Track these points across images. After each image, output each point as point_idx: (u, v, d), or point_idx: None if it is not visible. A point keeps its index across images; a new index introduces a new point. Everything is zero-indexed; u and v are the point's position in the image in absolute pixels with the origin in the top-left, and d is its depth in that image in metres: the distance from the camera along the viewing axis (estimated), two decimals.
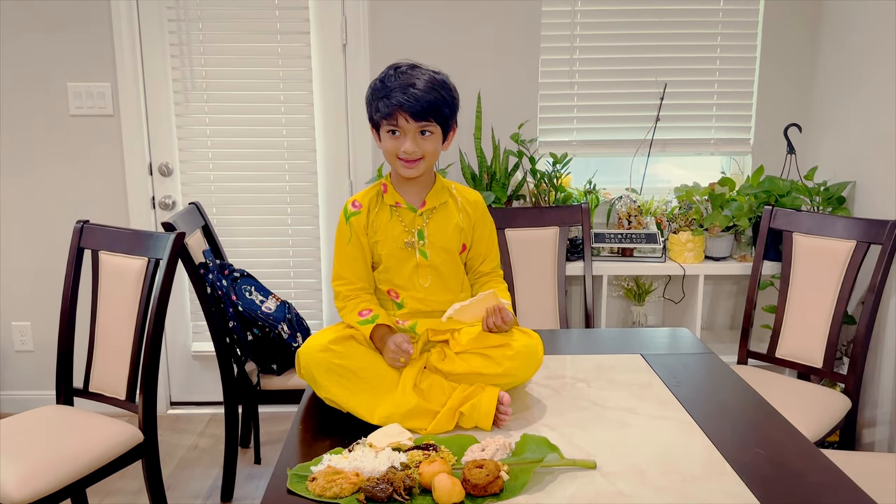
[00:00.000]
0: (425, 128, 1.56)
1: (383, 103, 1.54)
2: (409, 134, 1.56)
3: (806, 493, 1.25)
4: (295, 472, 1.30)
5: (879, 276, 2.25)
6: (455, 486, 1.20)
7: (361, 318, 1.60)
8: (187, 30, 2.94)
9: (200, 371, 3.22)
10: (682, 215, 2.86)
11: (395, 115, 1.54)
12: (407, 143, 1.56)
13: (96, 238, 2.18)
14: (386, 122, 1.56)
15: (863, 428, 2.61)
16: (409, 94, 1.52)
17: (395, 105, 1.53)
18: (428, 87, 1.53)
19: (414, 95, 1.52)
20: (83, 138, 3.00)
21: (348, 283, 1.66)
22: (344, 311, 1.65)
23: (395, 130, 1.56)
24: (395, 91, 1.53)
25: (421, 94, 1.52)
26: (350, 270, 1.66)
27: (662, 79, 3.01)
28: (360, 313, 1.61)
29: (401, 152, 1.56)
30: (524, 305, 2.61)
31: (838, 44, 2.83)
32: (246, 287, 2.40)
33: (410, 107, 1.52)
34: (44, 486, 1.77)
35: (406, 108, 1.52)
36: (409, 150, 1.56)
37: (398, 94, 1.52)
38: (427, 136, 1.57)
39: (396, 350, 1.53)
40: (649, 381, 1.72)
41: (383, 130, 1.58)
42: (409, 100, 1.52)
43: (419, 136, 1.56)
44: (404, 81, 1.54)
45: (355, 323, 1.60)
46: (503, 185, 2.84)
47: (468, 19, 2.95)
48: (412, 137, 1.56)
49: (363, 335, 1.59)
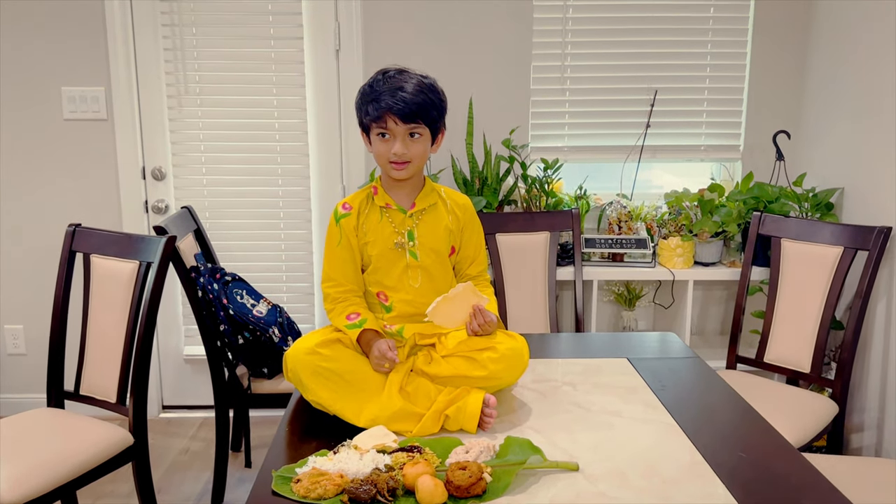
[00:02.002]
0: (414, 130, 1.58)
1: (372, 107, 1.57)
2: (399, 136, 1.58)
3: (786, 495, 1.26)
4: (280, 473, 1.31)
5: (866, 282, 2.27)
6: (438, 488, 1.21)
7: (349, 322, 1.62)
8: (181, 35, 2.96)
9: (192, 375, 3.23)
10: (671, 221, 2.88)
11: (384, 117, 1.57)
12: (397, 145, 1.58)
13: (88, 241, 2.19)
14: (375, 125, 1.59)
15: (850, 433, 2.63)
16: (397, 97, 1.55)
17: (384, 108, 1.56)
18: (416, 90, 1.56)
19: (402, 98, 1.55)
20: (77, 142, 3.01)
21: (337, 284, 1.68)
22: (332, 314, 1.67)
23: (384, 133, 1.59)
24: (384, 94, 1.56)
25: (409, 96, 1.55)
26: (339, 272, 1.68)
27: (653, 86, 3.03)
28: (347, 317, 1.63)
29: (391, 154, 1.59)
30: (515, 310, 2.62)
31: (828, 52, 2.85)
32: (237, 291, 2.41)
33: (399, 109, 1.55)
34: (34, 488, 1.78)
35: (395, 111, 1.55)
36: (398, 152, 1.58)
37: (387, 98, 1.55)
38: (416, 139, 1.60)
39: (380, 357, 1.54)
40: (635, 384, 1.73)
41: (373, 134, 1.61)
42: (398, 102, 1.55)
43: (408, 139, 1.59)
44: (393, 85, 1.57)
45: (343, 326, 1.62)
46: (494, 190, 2.85)
47: (461, 25, 2.97)
48: (401, 140, 1.58)
49: (350, 339, 1.60)
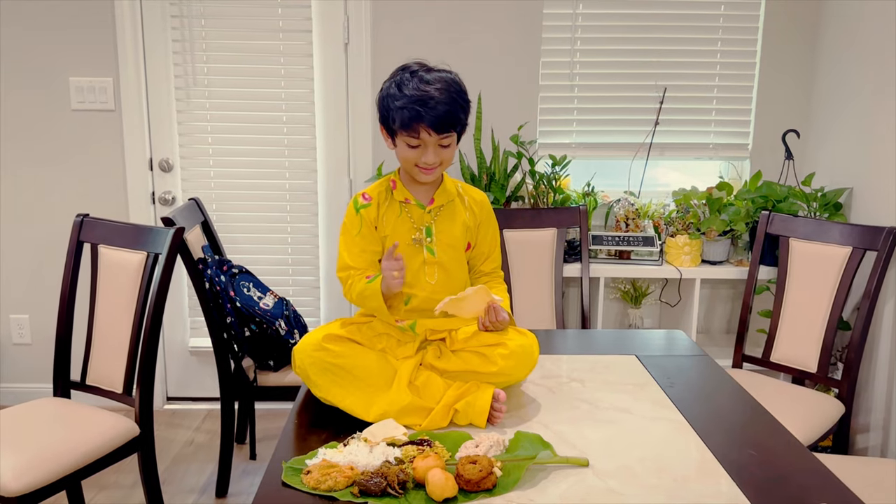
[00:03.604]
0: (445, 138, 1.56)
1: (402, 115, 1.52)
2: (431, 146, 1.56)
3: (797, 494, 1.26)
4: (290, 465, 1.31)
5: (874, 283, 2.26)
6: (448, 481, 1.21)
7: (368, 280, 1.60)
8: (190, 26, 2.95)
9: (198, 367, 3.23)
10: (679, 219, 2.87)
11: (416, 128, 1.53)
12: (429, 154, 1.56)
13: (96, 232, 2.19)
14: (405, 132, 1.55)
15: (856, 433, 2.62)
16: (429, 107, 1.50)
17: (416, 119, 1.51)
18: (447, 98, 1.52)
19: (435, 109, 1.50)
20: (84, 133, 3.00)
21: (357, 271, 1.64)
22: (349, 286, 1.64)
23: (414, 141, 1.56)
24: (414, 103, 1.51)
25: (442, 106, 1.51)
26: (360, 260, 1.65)
27: (662, 83, 3.02)
28: (367, 277, 1.61)
29: (421, 162, 1.57)
30: (521, 306, 2.62)
31: (838, 51, 2.84)
32: (244, 283, 2.41)
33: (432, 121, 1.51)
34: (40, 477, 1.78)
35: (429, 123, 1.51)
36: (430, 161, 1.56)
37: (418, 107, 1.50)
38: (447, 145, 1.57)
39: (388, 269, 1.52)
40: (643, 381, 1.73)
41: (400, 139, 1.57)
42: (432, 115, 1.50)
43: (439, 147, 1.57)
44: (424, 92, 1.51)
45: (365, 285, 1.59)
46: (502, 186, 2.85)
47: (470, 20, 2.97)
48: (433, 149, 1.56)
49: (359, 330, 1.60)
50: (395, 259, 1.53)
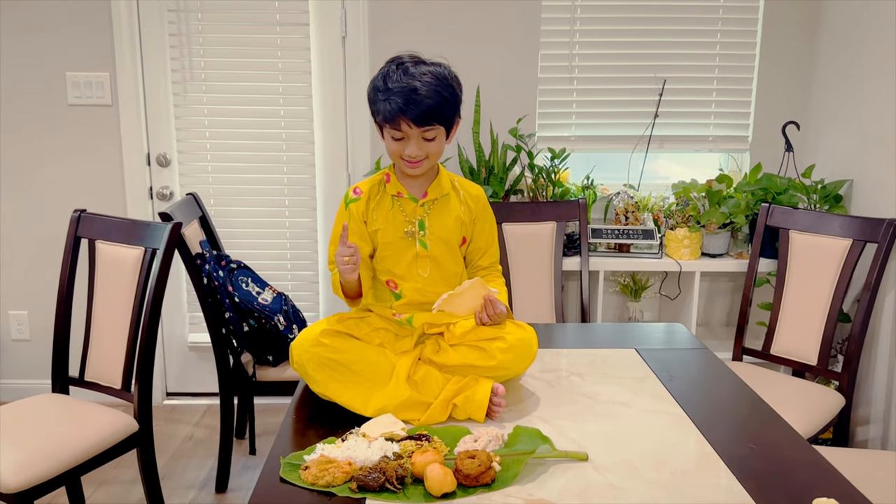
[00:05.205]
0: (428, 131, 1.55)
1: (385, 107, 1.52)
2: (413, 138, 1.55)
3: (797, 487, 1.25)
4: (288, 460, 1.30)
5: (875, 275, 2.26)
6: (447, 476, 1.20)
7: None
8: (186, 20, 2.94)
9: (196, 362, 3.23)
10: (679, 212, 2.86)
11: (397, 120, 1.52)
12: (411, 147, 1.55)
13: (93, 227, 2.18)
14: (389, 125, 1.54)
15: (856, 425, 2.62)
16: (410, 100, 1.49)
17: (396, 112, 1.51)
18: (431, 91, 1.51)
19: (416, 102, 1.49)
20: (81, 128, 2.99)
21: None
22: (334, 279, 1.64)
23: (397, 134, 1.55)
24: (397, 95, 1.50)
25: (423, 99, 1.50)
26: None
27: (661, 75, 3.01)
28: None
29: (405, 155, 1.56)
30: (521, 300, 2.61)
31: (838, 42, 2.83)
32: (242, 278, 2.40)
33: (412, 113, 1.50)
34: (39, 473, 1.78)
35: (408, 115, 1.51)
36: (412, 154, 1.55)
37: (400, 100, 1.50)
38: (431, 139, 1.56)
39: (339, 254, 1.50)
40: (643, 375, 1.72)
41: (386, 132, 1.57)
42: (412, 106, 1.49)
43: (422, 140, 1.55)
44: (407, 84, 1.50)
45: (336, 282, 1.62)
46: (501, 179, 2.84)
47: (468, 13, 2.95)
48: (416, 141, 1.55)
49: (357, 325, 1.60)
50: (346, 246, 1.50)
